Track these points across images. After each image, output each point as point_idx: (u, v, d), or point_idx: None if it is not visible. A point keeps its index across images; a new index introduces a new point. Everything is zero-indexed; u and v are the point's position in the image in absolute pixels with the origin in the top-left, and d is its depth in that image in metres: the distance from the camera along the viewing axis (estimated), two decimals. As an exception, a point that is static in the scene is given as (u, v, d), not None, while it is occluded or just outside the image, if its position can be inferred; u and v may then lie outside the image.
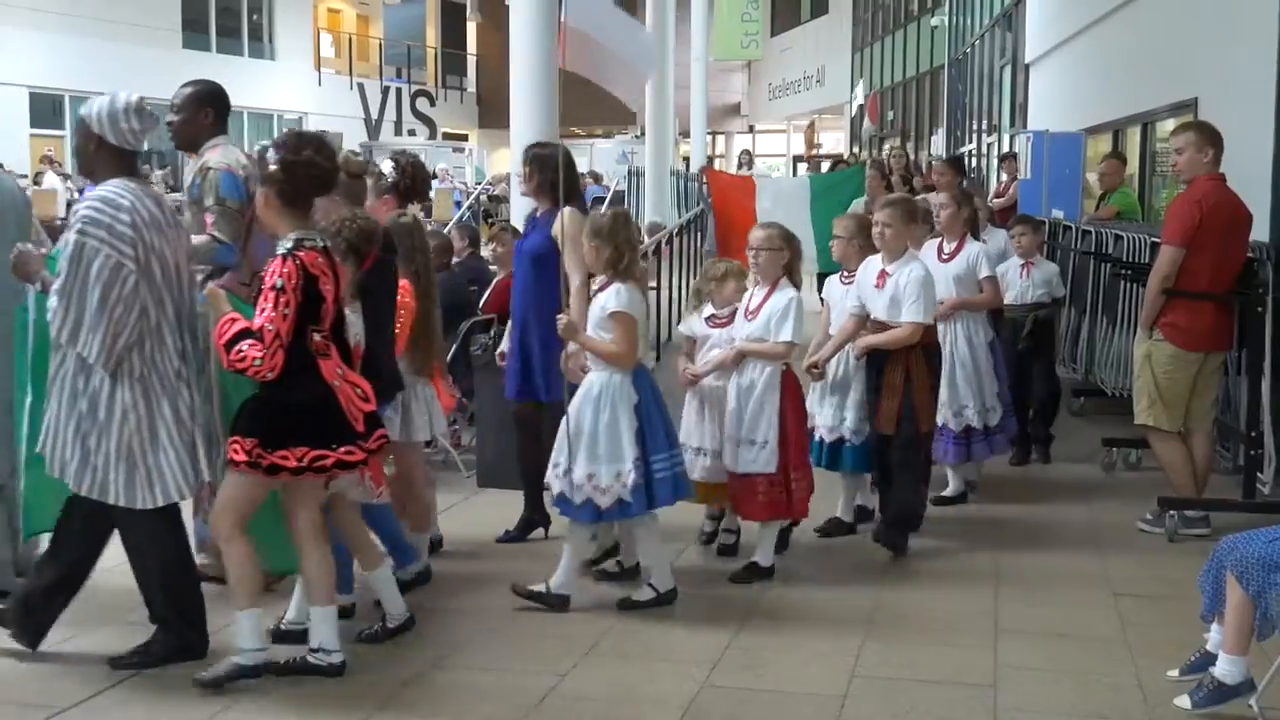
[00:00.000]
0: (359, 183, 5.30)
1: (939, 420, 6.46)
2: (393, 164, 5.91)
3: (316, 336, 4.30)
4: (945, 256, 6.90)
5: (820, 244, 8.16)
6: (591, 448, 5.06)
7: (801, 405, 5.72)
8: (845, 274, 6.34)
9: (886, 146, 27.58)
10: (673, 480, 5.17)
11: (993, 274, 6.96)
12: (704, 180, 12.82)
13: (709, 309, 5.89)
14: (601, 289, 5.20)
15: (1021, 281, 7.75)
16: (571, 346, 5.32)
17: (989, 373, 6.86)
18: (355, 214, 5.00)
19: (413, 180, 5.93)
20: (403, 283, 5.39)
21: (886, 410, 5.90)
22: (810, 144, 27.06)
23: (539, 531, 6.11)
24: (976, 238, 7.22)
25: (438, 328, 5.68)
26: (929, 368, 5.95)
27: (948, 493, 6.88)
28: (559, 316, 5.26)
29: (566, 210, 5.78)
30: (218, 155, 5.36)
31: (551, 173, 5.94)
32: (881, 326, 5.91)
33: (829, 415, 6.25)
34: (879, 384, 5.93)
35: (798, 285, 5.66)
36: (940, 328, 6.44)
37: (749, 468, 5.50)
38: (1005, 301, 7.48)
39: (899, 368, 5.87)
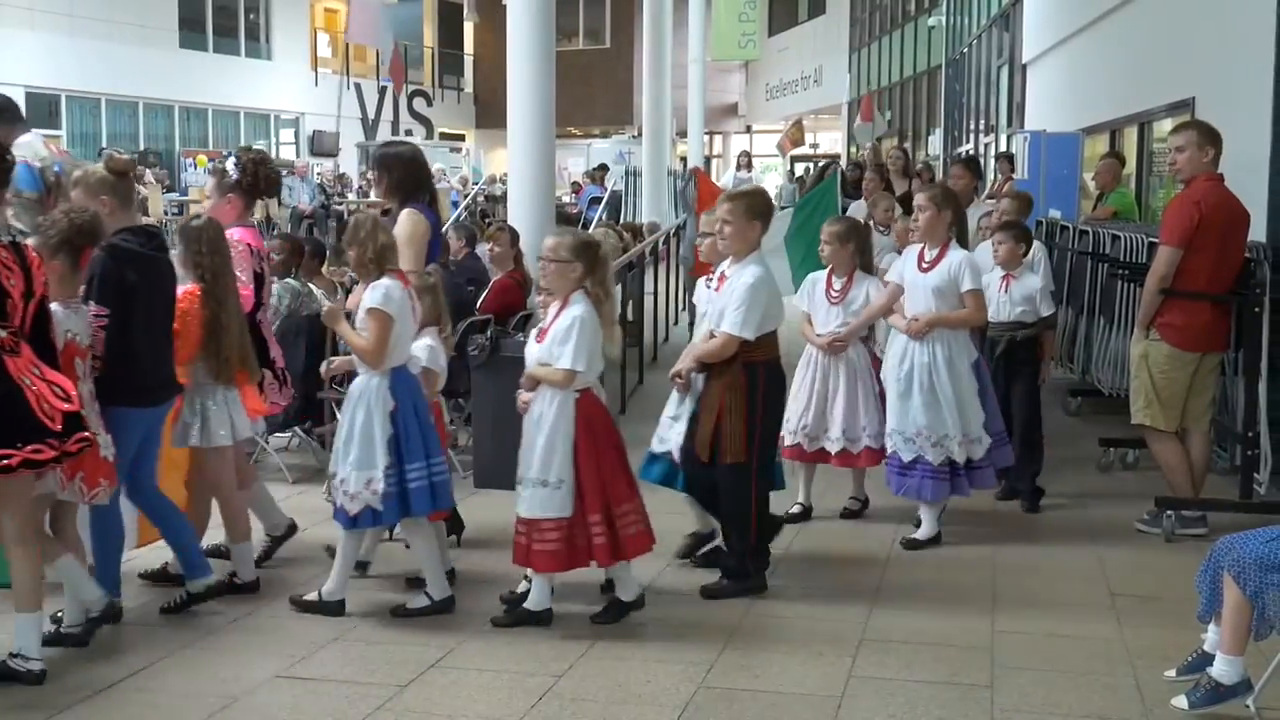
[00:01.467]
0: (125, 181, 5.09)
1: (912, 453, 6.05)
2: (235, 161, 5.89)
3: (2, 333, 4.21)
4: (925, 265, 6.17)
5: (796, 269, 7.89)
6: (345, 452, 5.01)
7: (603, 435, 5.03)
8: (709, 278, 5.99)
9: (884, 145, 27.63)
10: (429, 490, 5.04)
11: (976, 287, 6.13)
12: (693, 181, 12.59)
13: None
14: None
15: (999, 297, 6.84)
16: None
17: (973, 400, 6.14)
18: (71, 209, 4.81)
19: (255, 177, 5.87)
20: (190, 287, 5.25)
21: (700, 434, 5.33)
22: (794, 143, 26.72)
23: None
24: (964, 244, 6.49)
25: (239, 334, 5.39)
26: (749, 390, 5.21)
27: (919, 535, 6.18)
28: (326, 303, 5.29)
29: (404, 211, 5.83)
30: (19, 149, 5.43)
31: (399, 173, 5.94)
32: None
33: (680, 434, 5.62)
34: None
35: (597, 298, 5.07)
36: (916, 347, 6.08)
37: (537, 511, 4.93)
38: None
39: (716, 386, 5.29)
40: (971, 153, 19.14)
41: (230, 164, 5.81)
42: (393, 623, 5.07)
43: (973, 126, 21.83)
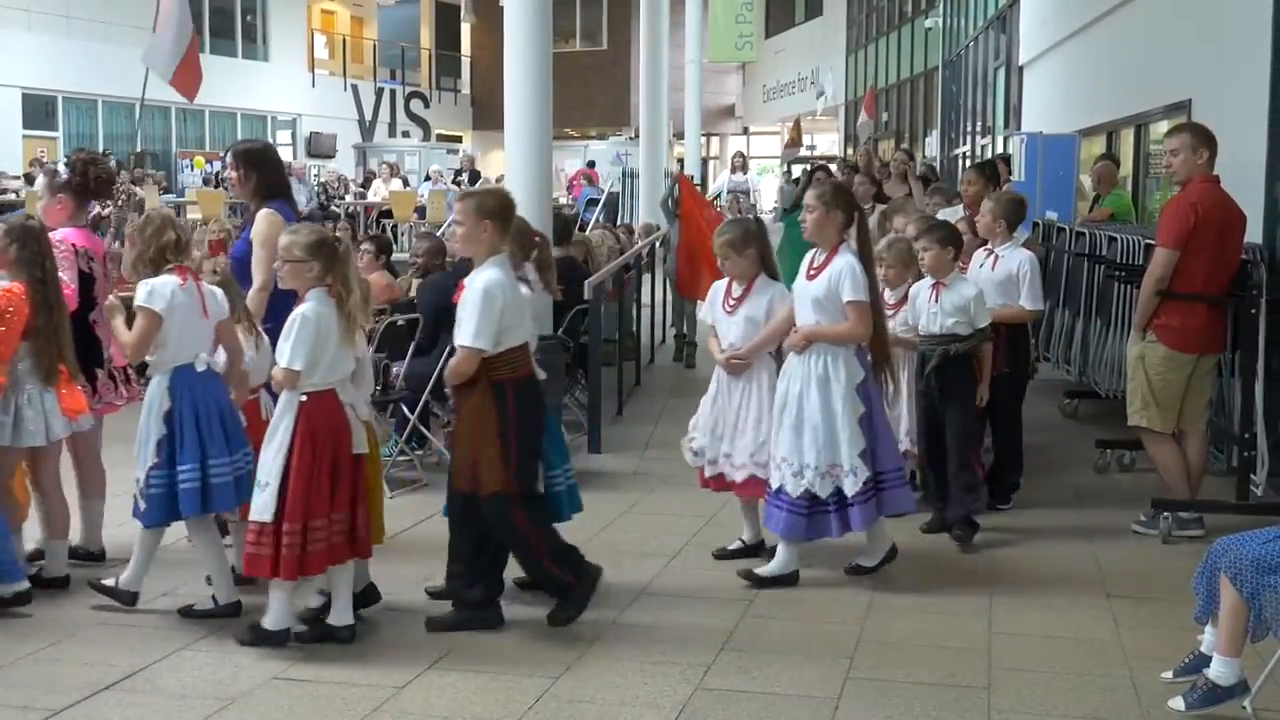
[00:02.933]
0: None
1: (776, 480, 5.48)
2: (65, 162, 5.91)
3: None
4: (811, 272, 5.54)
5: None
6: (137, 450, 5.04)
7: (327, 442, 4.76)
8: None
9: (880, 147, 27.61)
10: (197, 492, 4.95)
11: (858, 298, 5.37)
12: (676, 186, 12.32)
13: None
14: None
15: (929, 307, 6.27)
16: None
17: (847, 427, 5.39)
18: None
19: (84, 178, 5.85)
20: (13, 285, 5.22)
21: (456, 462, 5.00)
22: (794, 143, 26.59)
23: None
24: (865, 251, 5.65)
25: (64, 336, 5.35)
26: (499, 411, 4.82)
27: (761, 569, 5.56)
28: (110, 297, 5.30)
29: (264, 212, 5.82)
30: None
31: (269, 173, 5.96)
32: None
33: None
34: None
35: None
36: (796, 364, 5.51)
37: (254, 514, 4.76)
38: (917, 331, 6.38)
39: (464, 410, 4.95)
40: (989, 155, 18.64)
41: (62, 164, 5.83)
42: (392, 623, 5.06)
43: (969, 128, 21.84)
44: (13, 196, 20.53)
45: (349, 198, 24.69)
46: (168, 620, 5.09)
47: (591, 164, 26.49)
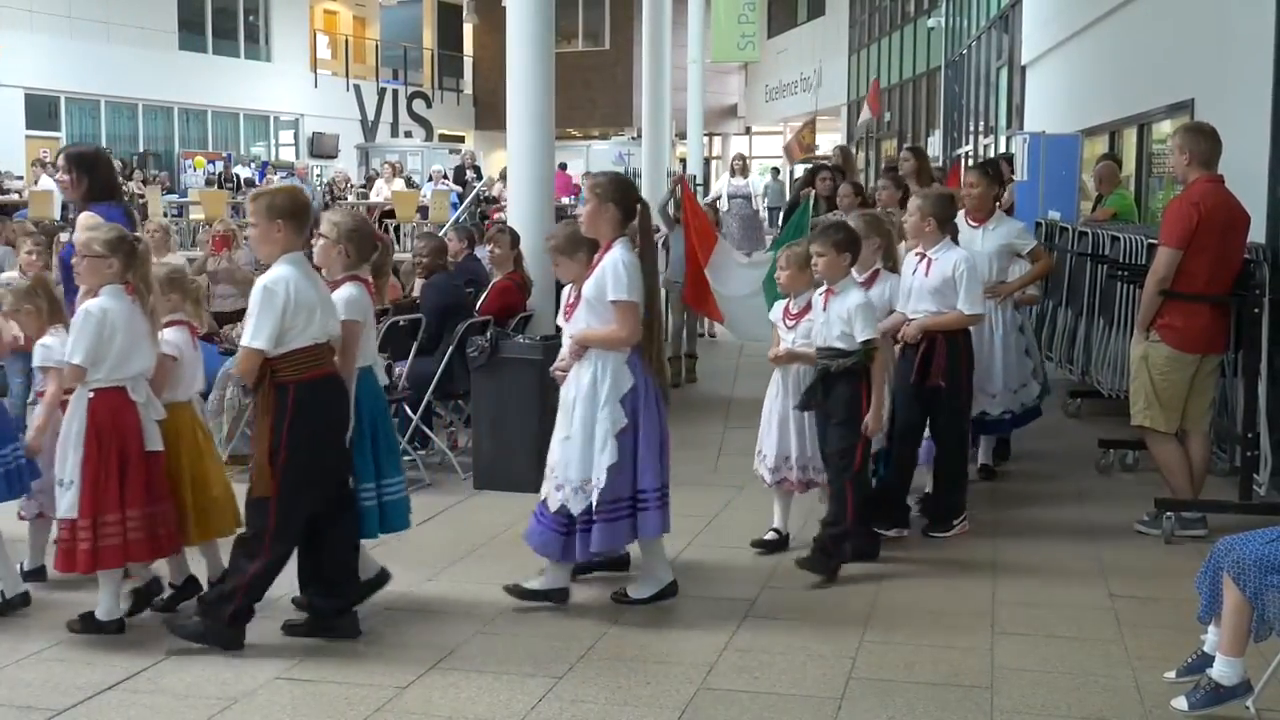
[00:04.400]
0: None
1: (542, 494, 5.23)
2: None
3: None
4: (588, 271, 5.28)
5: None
6: None
7: (114, 439, 4.77)
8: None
9: (883, 147, 27.58)
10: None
11: (620, 298, 4.99)
12: (678, 189, 11.89)
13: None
14: None
15: (819, 316, 5.78)
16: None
17: (593, 442, 5.05)
18: None
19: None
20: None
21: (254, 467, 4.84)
22: (804, 147, 25.94)
23: None
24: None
25: None
26: (276, 414, 4.66)
27: (529, 582, 5.27)
28: None
29: (83, 214, 5.82)
30: None
31: (103, 176, 5.98)
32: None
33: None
34: None
35: None
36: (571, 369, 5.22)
37: (61, 512, 4.85)
38: (800, 345, 5.88)
39: (258, 411, 4.82)
40: (992, 155, 18.32)
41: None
42: (394, 623, 5.07)
43: (972, 128, 21.84)
44: (15, 197, 20.55)
45: (351, 197, 24.70)
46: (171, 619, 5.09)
47: (563, 166, 26.29)
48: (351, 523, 5.01)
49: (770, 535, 6.12)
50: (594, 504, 5.03)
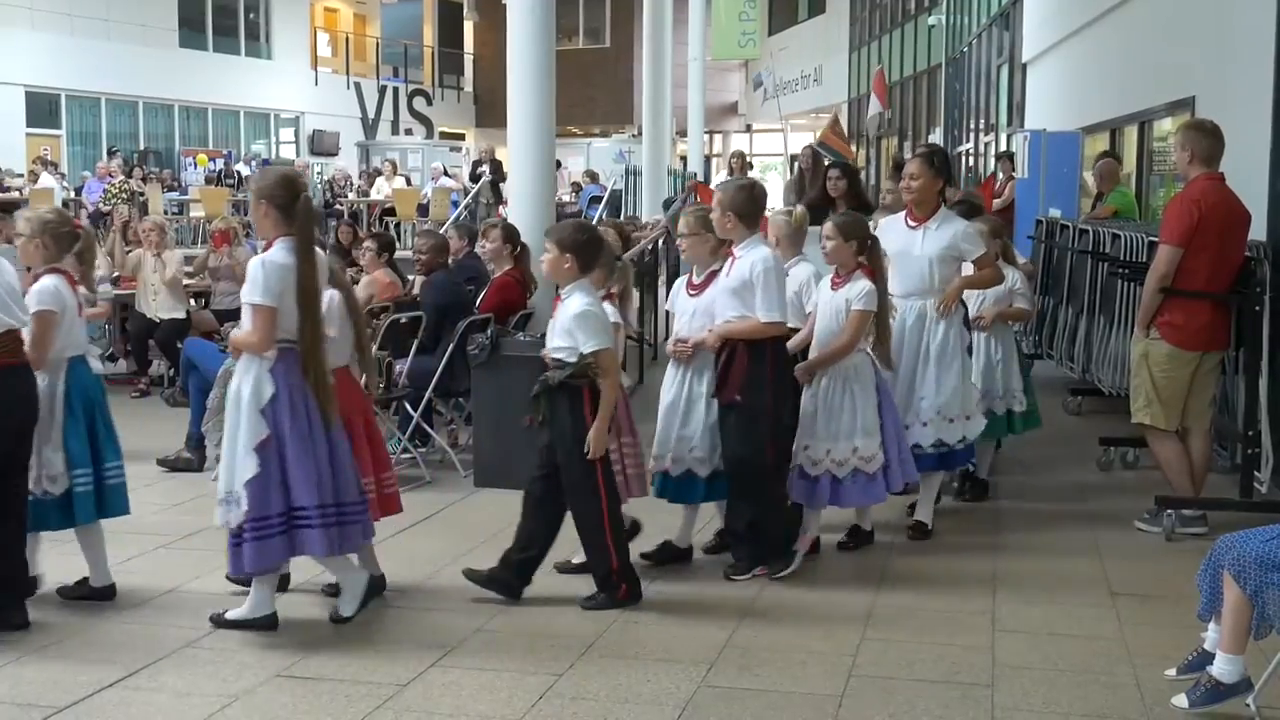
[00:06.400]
0: None
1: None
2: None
3: None
4: None
5: None
6: None
7: None
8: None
9: (884, 145, 27.54)
10: None
11: (254, 301, 4.76)
12: (692, 197, 11.64)
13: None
14: None
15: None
16: None
17: (248, 451, 4.79)
18: None
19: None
20: None
21: None
22: (840, 136, 25.07)
23: None
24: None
25: None
26: None
27: (233, 614, 5.02)
28: None
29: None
30: None
31: None
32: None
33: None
34: None
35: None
36: None
37: None
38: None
39: None
40: (997, 152, 17.70)
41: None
42: (394, 620, 5.07)
43: (973, 125, 21.84)
44: (16, 194, 20.57)
45: (352, 195, 24.71)
46: (171, 618, 5.09)
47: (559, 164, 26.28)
48: (21, 514, 4.93)
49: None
50: (242, 520, 4.76)
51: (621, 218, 19.04)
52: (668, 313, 6.42)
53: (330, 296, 5.23)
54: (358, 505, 4.99)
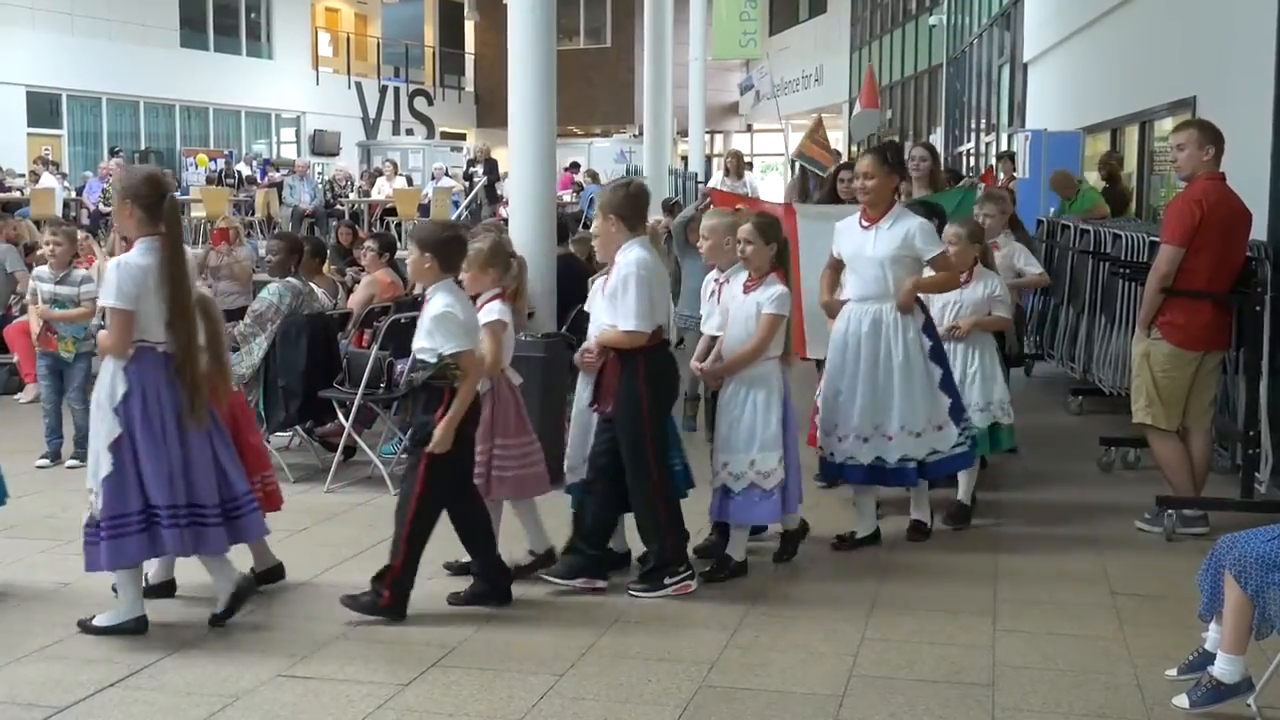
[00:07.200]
0: None
1: None
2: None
3: None
4: None
5: None
6: None
7: None
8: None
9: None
10: None
11: (107, 304, 4.79)
12: (707, 202, 11.21)
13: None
14: None
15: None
16: None
17: (101, 450, 4.82)
18: None
19: None
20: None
21: None
22: (821, 144, 23.85)
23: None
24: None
25: None
26: None
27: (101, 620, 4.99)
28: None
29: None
30: None
31: None
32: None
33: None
34: None
35: None
36: None
37: None
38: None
39: None
40: (997, 152, 17.70)
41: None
42: (394, 622, 5.07)
43: (973, 126, 21.84)
44: (18, 194, 20.57)
45: (353, 195, 24.71)
46: (172, 618, 5.09)
47: (575, 166, 26.45)
48: None
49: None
50: (99, 517, 4.75)
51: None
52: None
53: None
54: (213, 509, 4.89)
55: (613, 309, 5.29)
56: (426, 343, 5.02)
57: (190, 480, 4.83)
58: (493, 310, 5.50)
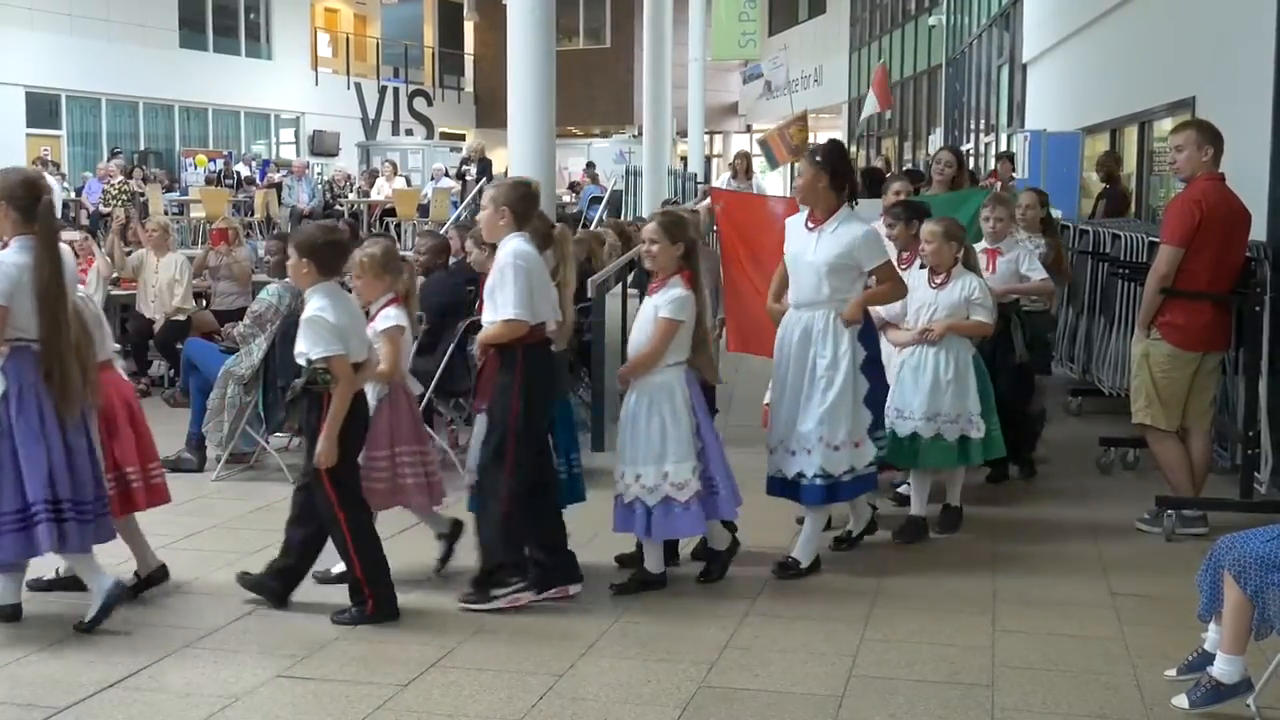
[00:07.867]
0: None
1: None
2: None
3: None
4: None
5: None
6: None
7: None
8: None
9: (884, 145, 27.51)
10: None
11: None
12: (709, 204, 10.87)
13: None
14: None
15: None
16: None
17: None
18: None
19: None
20: None
21: None
22: (792, 149, 21.63)
23: None
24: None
25: None
26: None
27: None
28: None
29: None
30: None
31: None
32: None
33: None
34: None
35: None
36: None
37: None
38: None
39: None
40: (997, 152, 17.62)
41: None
42: (395, 622, 5.07)
43: (973, 126, 21.84)
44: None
45: (352, 195, 24.71)
46: (171, 618, 5.10)
47: (590, 165, 26.56)
48: None
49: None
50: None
51: (622, 218, 19.04)
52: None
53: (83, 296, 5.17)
54: (92, 504, 4.91)
55: (493, 304, 5.12)
56: (301, 347, 4.96)
57: (72, 475, 4.84)
58: (389, 316, 5.51)
